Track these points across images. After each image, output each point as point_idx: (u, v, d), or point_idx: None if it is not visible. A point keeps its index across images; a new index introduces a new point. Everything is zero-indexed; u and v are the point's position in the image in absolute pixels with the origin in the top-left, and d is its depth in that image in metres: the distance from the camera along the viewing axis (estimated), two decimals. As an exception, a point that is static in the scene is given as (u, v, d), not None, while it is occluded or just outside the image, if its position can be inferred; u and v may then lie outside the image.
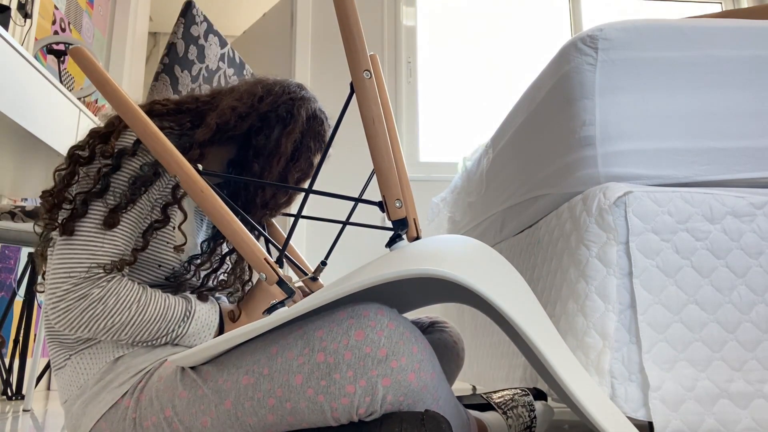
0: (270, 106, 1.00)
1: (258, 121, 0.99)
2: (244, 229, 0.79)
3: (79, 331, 0.82)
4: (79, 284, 0.81)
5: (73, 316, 0.81)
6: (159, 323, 0.85)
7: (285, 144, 1.00)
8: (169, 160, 0.79)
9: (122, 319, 0.83)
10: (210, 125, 0.94)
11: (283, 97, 1.02)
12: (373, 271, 0.70)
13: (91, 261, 0.82)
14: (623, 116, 1.03)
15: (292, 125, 1.01)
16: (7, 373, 2.16)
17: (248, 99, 0.99)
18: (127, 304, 0.83)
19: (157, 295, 0.87)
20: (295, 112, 1.02)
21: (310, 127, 1.04)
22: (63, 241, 0.83)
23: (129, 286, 0.84)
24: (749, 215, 0.98)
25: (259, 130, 1.00)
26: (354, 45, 0.76)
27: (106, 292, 0.82)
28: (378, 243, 2.93)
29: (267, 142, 1.00)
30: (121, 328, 0.83)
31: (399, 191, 0.77)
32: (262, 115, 1.00)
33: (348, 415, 0.71)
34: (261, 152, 1.00)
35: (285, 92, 1.03)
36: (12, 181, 2.00)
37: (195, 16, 1.52)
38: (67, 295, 0.81)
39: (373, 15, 3.27)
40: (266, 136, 1.00)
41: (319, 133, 1.06)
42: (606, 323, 0.92)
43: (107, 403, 0.82)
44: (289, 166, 1.03)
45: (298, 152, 1.03)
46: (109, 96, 0.80)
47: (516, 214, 1.39)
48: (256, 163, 1.00)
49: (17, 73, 1.42)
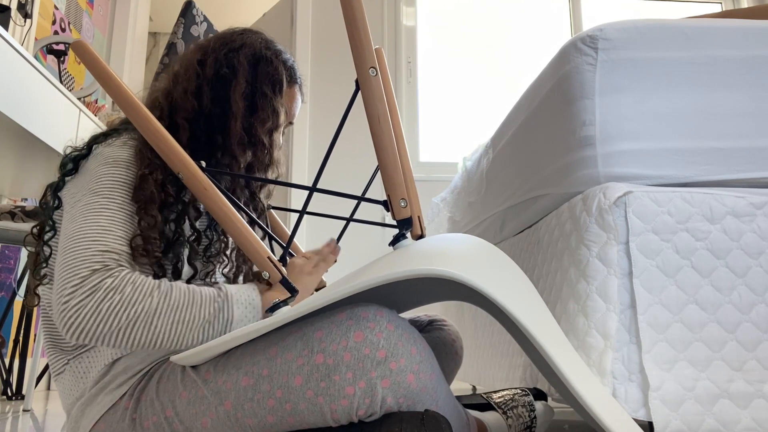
0: (214, 68, 0.93)
1: (210, 89, 0.92)
2: (247, 226, 0.79)
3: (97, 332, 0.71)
4: (88, 277, 0.72)
5: (88, 313, 0.70)
6: (191, 309, 0.76)
7: (235, 101, 0.92)
8: (172, 156, 0.78)
9: (145, 308, 0.73)
10: (182, 126, 0.90)
11: (223, 51, 0.94)
12: (377, 271, 0.69)
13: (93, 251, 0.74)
14: (623, 116, 1.03)
15: (236, 79, 0.93)
16: (7, 373, 2.16)
17: (192, 71, 0.93)
18: (146, 291, 0.74)
19: (177, 282, 0.79)
20: (236, 63, 0.94)
21: (257, 73, 0.95)
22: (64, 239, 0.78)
23: (143, 278, 0.76)
24: (749, 215, 0.98)
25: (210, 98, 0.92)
26: (360, 41, 0.74)
27: (121, 281, 0.73)
28: (379, 241, 2.93)
29: (216, 107, 0.92)
30: (148, 322, 0.73)
31: (404, 191, 0.76)
32: (210, 80, 0.92)
33: (347, 417, 0.71)
34: (214, 119, 0.92)
35: (223, 45, 0.95)
36: (12, 181, 2.00)
37: (195, 16, 1.52)
38: (75, 291, 0.71)
39: (373, 15, 3.27)
40: (215, 101, 0.92)
41: (270, 74, 0.96)
42: (607, 323, 0.92)
43: (105, 405, 0.81)
44: (251, 121, 0.94)
45: (253, 104, 0.94)
46: (112, 91, 0.79)
47: (516, 214, 1.39)
48: (218, 134, 0.93)
49: (17, 73, 1.42)
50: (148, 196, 0.81)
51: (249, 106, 0.94)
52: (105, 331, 0.72)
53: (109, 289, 0.72)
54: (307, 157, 3.07)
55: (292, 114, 1.03)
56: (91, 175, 0.83)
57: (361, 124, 1.18)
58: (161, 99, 0.94)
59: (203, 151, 0.93)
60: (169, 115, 0.92)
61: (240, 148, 0.94)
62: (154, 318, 0.74)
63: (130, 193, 0.82)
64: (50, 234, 0.86)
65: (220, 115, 0.93)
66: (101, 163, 0.84)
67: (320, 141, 3.09)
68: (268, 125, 0.95)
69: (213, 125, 0.93)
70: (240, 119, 0.92)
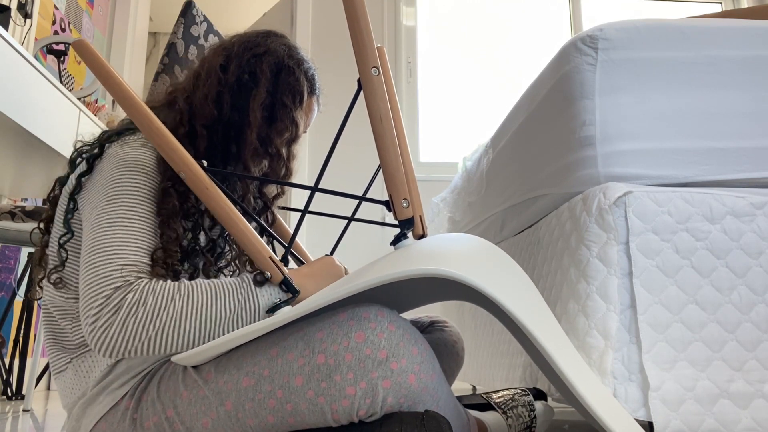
0: (236, 74, 0.91)
1: (230, 97, 0.91)
2: (249, 227, 0.79)
3: (129, 347, 0.72)
4: (111, 296, 0.72)
5: (116, 332, 0.71)
6: (216, 305, 0.76)
7: (254, 110, 0.90)
8: (174, 156, 0.78)
9: (170, 315, 0.73)
10: (201, 133, 0.89)
11: (246, 57, 0.93)
12: (379, 271, 0.69)
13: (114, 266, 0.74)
14: (623, 116, 1.03)
15: (257, 88, 0.91)
16: (7, 373, 2.16)
17: (214, 76, 0.91)
18: (168, 297, 0.74)
19: (197, 281, 0.78)
20: (258, 71, 0.92)
21: (278, 83, 0.93)
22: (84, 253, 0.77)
23: (163, 283, 0.75)
24: (749, 215, 0.98)
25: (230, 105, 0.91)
26: (362, 40, 0.74)
27: (141, 293, 0.73)
28: (380, 240, 2.93)
29: (235, 115, 0.91)
30: (176, 327, 0.73)
31: (406, 191, 0.76)
32: (231, 87, 0.91)
33: (348, 417, 0.71)
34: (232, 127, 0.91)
35: (246, 50, 0.93)
36: (12, 181, 2.00)
37: (195, 16, 1.52)
38: (101, 311, 0.72)
39: (373, 15, 3.27)
40: (234, 109, 0.91)
41: (291, 84, 0.94)
42: (608, 323, 0.92)
43: (107, 405, 0.81)
44: (269, 132, 0.92)
45: (272, 114, 0.93)
46: (113, 89, 0.78)
47: (516, 214, 1.39)
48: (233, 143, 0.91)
49: (17, 73, 1.42)
50: (170, 209, 0.81)
51: (268, 117, 0.92)
52: (137, 345, 0.73)
53: (131, 305, 0.72)
54: (308, 156, 3.07)
55: (307, 124, 1.02)
56: (107, 179, 0.81)
57: (363, 123, 1.18)
58: (181, 102, 0.92)
59: (218, 159, 0.92)
60: (189, 120, 0.90)
61: (254, 158, 0.92)
62: (182, 321, 0.74)
63: (150, 202, 0.81)
64: (66, 237, 0.85)
65: (237, 124, 0.91)
66: (116, 165, 0.82)
67: (322, 141, 3.09)
68: (287, 136, 0.94)
69: (229, 134, 0.92)
70: (256, 129, 0.91)
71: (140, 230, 0.78)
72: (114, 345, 0.72)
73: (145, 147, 0.85)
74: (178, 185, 0.82)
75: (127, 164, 0.82)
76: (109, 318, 0.72)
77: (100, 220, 0.78)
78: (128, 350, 0.73)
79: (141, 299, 0.72)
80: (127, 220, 0.78)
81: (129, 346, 0.72)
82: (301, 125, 0.97)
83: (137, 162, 0.83)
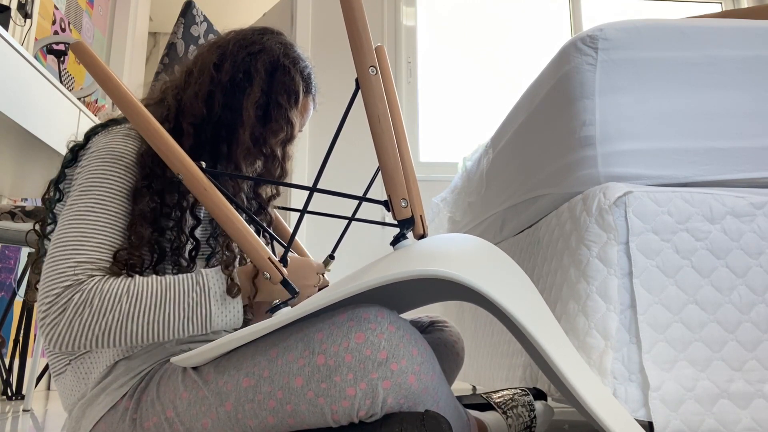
0: (230, 73, 0.90)
1: (222, 95, 0.89)
2: (247, 227, 0.79)
3: (77, 345, 0.74)
4: (60, 294, 0.73)
5: (62, 331, 0.73)
6: (166, 308, 0.76)
7: (247, 110, 0.88)
8: (172, 157, 0.78)
9: (116, 316, 0.73)
10: (187, 131, 0.88)
11: (241, 55, 0.91)
12: (379, 271, 0.69)
13: (70, 263, 0.74)
14: (623, 116, 1.03)
15: (251, 87, 0.90)
16: (7, 373, 2.16)
17: (207, 74, 0.90)
18: (115, 298, 0.74)
19: (151, 278, 0.78)
20: (253, 70, 0.90)
21: (273, 82, 0.91)
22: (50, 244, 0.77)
23: (113, 281, 0.75)
24: (749, 215, 0.98)
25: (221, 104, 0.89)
26: (359, 40, 0.74)
27: (88, 294, 0.73)
28: (380, 241, 2.93)
29: (227, 114, 0.89)
30: (122, 327, 0.74)
31: (405, 191, 0.76)
32: (224, 86, 0.89)
33: (348, 417, 0.71)
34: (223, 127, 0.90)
35: (241, 48, 0.92)
36: (12, 181, 2.00)
37: (195, 16, 1.52)
38: (50, 309, 0.73)
39: (373, 15, 3.27)
40: (226, 108, 0.89)
41: (287, 84, 0.92)
42: (608, 323, 0.92)
43: (106, 405, 0.81)
44: (263, 131, 0.91)
45: (267, 114, 0.91)
46: (111, 92, 0.78)
47: (516, 214, 1.39)
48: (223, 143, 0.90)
49: (17, 73, 1.42)
50: (140, 211, 0.81)
51: (262, 116, 0.91)
52: (84, 342, 0.74)
53: (77, 305, 0.73)
54: (307, 156, 3.07)
55: (302, 124, 1.01)
56: (86, 168, 0.82)
57: (362, 123, 1.18)
58: (170, 98, 0.91)
59: (206, 158, 0.91)
60: (176, 117, 0.89)
61: (246, 158, 0.91)
62: (127, 323, 0.74)
63: (122, 196, 0.81)
64: (51, 227, 0.86)
65: (228, 123, 0.90)
66: (95, 155, 0.82)
67: (320, 141, 3.09)
68: (282, 136, 0.93)
69: (220, 133, 0.91)
70: (249, 129, 0.89)
71: (105, 225, 0.79)
72: (62, 341, 0.73)
73: (128, 137, 0.85)
74: (156, 184, 0.82)
75: (104, 155, 0.82)
76: (57, 317, 0.73)
77: (70, 211, 0.79)
78: (77, 346, 0.74)
79: (87, 300, 0.73)
80: (93, 213, 0.78)
81: (77, 343, 0.74)
82: (296, 125, 0.96)
83: (115, 153, 0.82)
